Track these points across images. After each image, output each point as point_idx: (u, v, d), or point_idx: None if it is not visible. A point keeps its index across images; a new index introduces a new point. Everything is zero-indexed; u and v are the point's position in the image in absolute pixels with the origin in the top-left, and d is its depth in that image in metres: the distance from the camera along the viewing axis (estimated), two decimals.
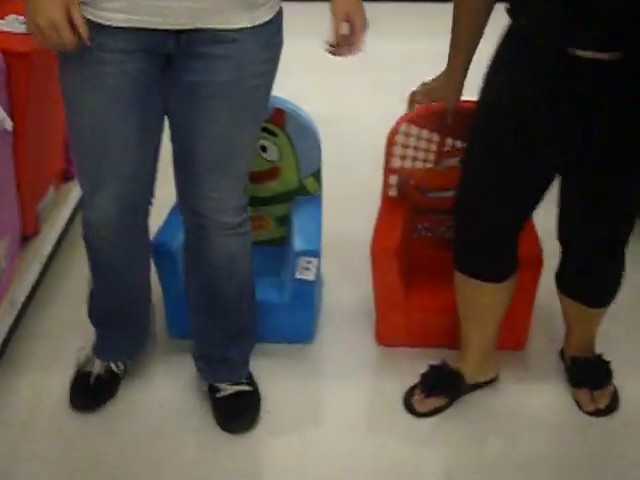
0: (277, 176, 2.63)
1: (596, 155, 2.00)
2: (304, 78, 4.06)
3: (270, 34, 1.97)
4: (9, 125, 2.20)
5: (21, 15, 2.48)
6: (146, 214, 2.23)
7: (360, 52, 2.01)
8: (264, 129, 2.52)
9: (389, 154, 2.54)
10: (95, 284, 2.33)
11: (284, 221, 2.70)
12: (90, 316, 2.40)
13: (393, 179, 2.55)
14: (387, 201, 2.59)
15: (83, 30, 1.80)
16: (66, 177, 2.84)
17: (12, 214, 2.41)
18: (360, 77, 4.22)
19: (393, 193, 2.56)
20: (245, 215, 2.18)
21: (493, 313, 2.34)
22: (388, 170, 2.56)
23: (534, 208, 2.20)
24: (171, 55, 1.92)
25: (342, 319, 2.69)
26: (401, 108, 2.40)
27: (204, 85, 1.95)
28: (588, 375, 2.43)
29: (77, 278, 2.70)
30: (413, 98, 2.32)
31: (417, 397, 2.38)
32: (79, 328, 2.54)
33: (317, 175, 2.63)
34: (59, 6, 1.77)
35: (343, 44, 1.98)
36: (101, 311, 2.38)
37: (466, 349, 2.40)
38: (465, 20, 2.11)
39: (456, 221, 2.27)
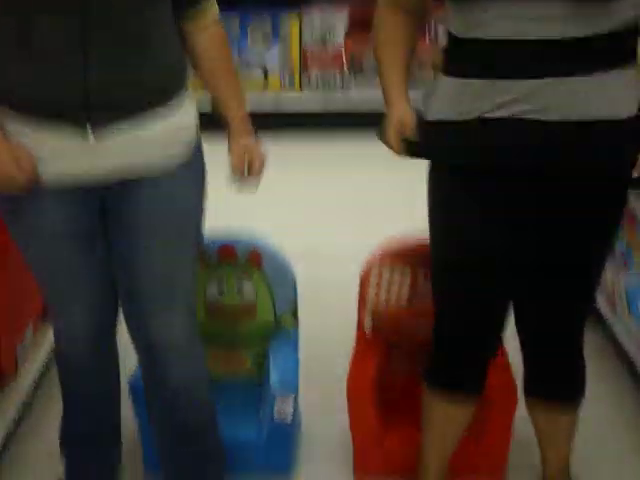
0: (254, 314, 2.67)
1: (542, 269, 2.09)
2: (278, 210, 4.16)
3: (192, 172, 2.07)
4: None
5: None
6: (113, 335, 2.28)
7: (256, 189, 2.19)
8: (242, 270, 2.59)
9: (362, 294, 2.59)
10: (67, 407, 2.36)
11: (261, 359, 2.72)
12: (61, 443, 2.41)
13: (367, 317, 2.59)
14: (362, 339, 2.62)
15: (33, 172, 1.87)
16: (44, 317, 2.87)
17: None
18: (335, 210, 4.32)
19: (368, 331, 2.60)
20: (196, 338, 2.21)
21: (456, 435, 2.37)
22: (362, 309, 2.61)
23: (503, 317, 2.22)
24: (104, 203, 2.02)
25: (320, 450, 2.70)
26: (375, 241, 2.47)
27: (135, 227, 2.02)
28: None
29: (56, 415, 2.68)
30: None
31: None
32: (57, 464, 2.51)
33: (294, 311, 2.67)
34: (6, 155, 1.84)
35: (244, 181, 2.18)
36: (72, 434, 2.40)
37: (427, 474, 2.42)
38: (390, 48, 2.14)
39: (434, 336, 2.29)
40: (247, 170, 2.19)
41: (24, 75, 1.83)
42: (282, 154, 2.56)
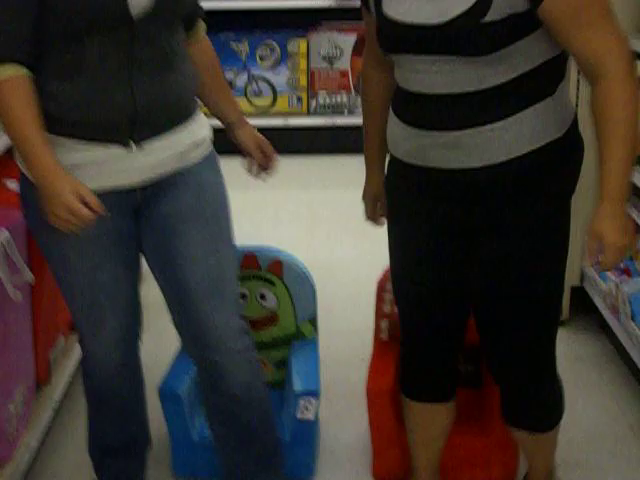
0: (275, 322, 2.80)
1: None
2: (289, 227, 4.29)
3: (215, 161, 2.25)
4: (30, 278, 2.36)
5: None
6: (138, 349, 2.38)
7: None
8: (264, 279, 2.72)
9: (379, 300, 2.72)
10: (93, 421, 2.46)
11: (282, 365, 2.85)
12: (90, 451, 2.52)
13: (384, 323, 2.72)
14: (379, 344, 2.76)
15: (97, 207, 1.95)
16: (73, 327, 2.99)
17: (28, 363, 2.55)
18: (344, 224, 4.46)
19: (384, 336, 2.73)
20: (249, 341, 2.28)
21: (439, 433, 2.48)
22: (379, 315, 2.74)
23: (462, 328, 2.33)
24: (139, 204, 2.15)
25: (339, 456, 2.81)
26: (385, 253, 2.60)
27: (171, 215, 2.15)
28: None
29: (85, 423, 2.82)
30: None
31: None
32: (87, 469, 2.62)
33: (313, 320, 2.80)
34: (71, 192, 1.92)
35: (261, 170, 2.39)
36: (99, 446, 2.50)
37: (418, 470, 2.54)
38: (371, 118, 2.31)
39: (401, 351, 2.43)
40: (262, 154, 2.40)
41: (77, 99, 1.96)
42: (289, 172, 2.70)
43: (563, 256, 2.19)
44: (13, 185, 2.61)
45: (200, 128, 2.21)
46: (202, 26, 2.30)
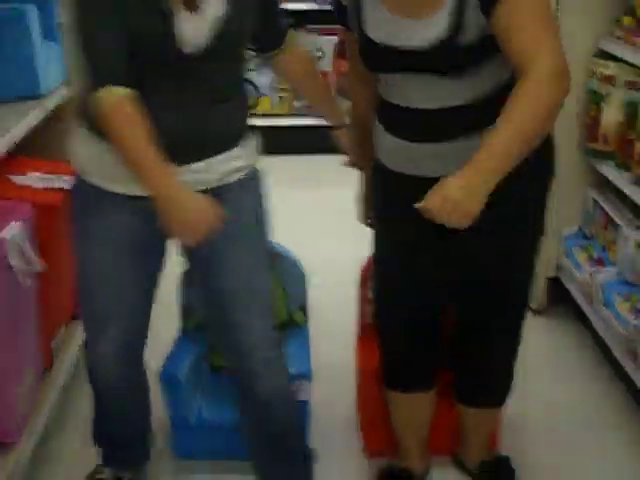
0: None
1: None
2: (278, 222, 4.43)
3: (258, 183, 2.36)
4: (40, 268, 2.50)
5: (39, 172, 2.83)
6: (143, 349, 2.50)
7: None
8: None
9: (364, 286, 2.88)
10: (97, 411, 2.59)
11: None
12: (94, 438, 2.65)
13: (369, 308, 2.87)
14: (364, 328, 2.91)
15: (216, 211, 2.07)
16: (73, 316, 3.13)
17: (34, 348, 2.68)
18: (327, 219, 4.63)
19: (369, 319, 2.89)
20: (281, 351, 2.41)
21: (425, 419, 2.68)
22: (364, 300, 2.90)
23: (437, 317, 2.51)
24: None
25: (331, 436, 2.95)
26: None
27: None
28: (499, 473, 2.73)
29: (88, 406, 2.95)
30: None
31: None
32: (90, 451, 2.75)
33: (304, 309, 2.95)
34: (206, 203, 2.05)
35: None
36: (103, 434, 2.64)
37: (407, 451, 2.71)
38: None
39: (380, 346, 2.60)
40: None
41: (166, 124, 2.08)
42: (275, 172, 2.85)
43: (536, 250, 2.40)
44: (20, 180, 2.74)
45: (245, 156, 2.30)
46: (293, 37, 2.39)
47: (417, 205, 2.00)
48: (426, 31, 2.08)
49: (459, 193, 1.95)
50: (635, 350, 2.89)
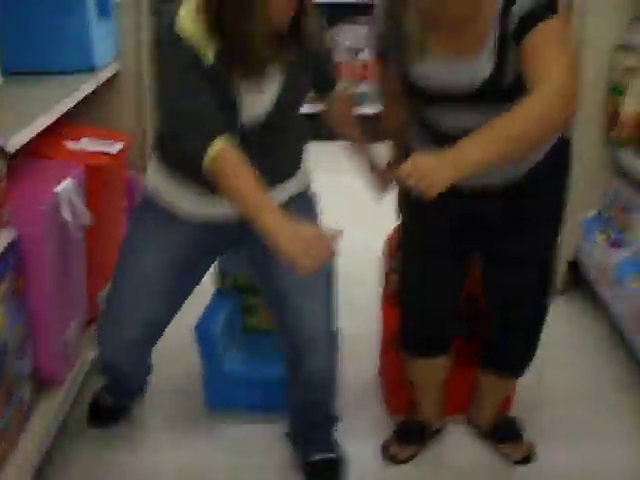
0: None
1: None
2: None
3: (307, 197, 2.64)
4: (89, 220, 2.72)
5: (90, 138, 3.06)
6: (153, 345, 2.73)
7: None
8: None
9: (389, 256, 3.07)
10: (104, 369, 2.82)
11: None
12: (103, 372, 2.86)
13: (393, 277, 3.06)
14: (388, 296, 3.09)
15: (327, 243, 2.13)
16: None
17: (81, 300, 2.90)
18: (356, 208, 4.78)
19: (393, 288, 3.07)
20: (337, 342, 2.62)
21: (440, 381, 2.88)
22: (389, 270, 3.09)
23: (459, 290, 2.72)
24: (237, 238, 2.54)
25: (355, 397, 3.14)
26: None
27: None
28: (509, 430, 2.92)
29: None
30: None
31: (395, 448, 2.87)
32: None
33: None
34: (293, 245, 2.09)
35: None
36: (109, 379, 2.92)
37: (424, 408, 2.92)
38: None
39: (401, 313, 2.80)
40: None
41: None
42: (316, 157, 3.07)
43: (558, 233, 2.63)
44: (74, 144, 2.97)
45: (296, 183, 2.57)
46: (339, 87, 2.62)
47: (395, 170, 2.14)
48: (470, 74, 2.26)
49: (430, 164, 2.06)
50: None
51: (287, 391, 2.72)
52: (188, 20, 2.22)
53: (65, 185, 2.61)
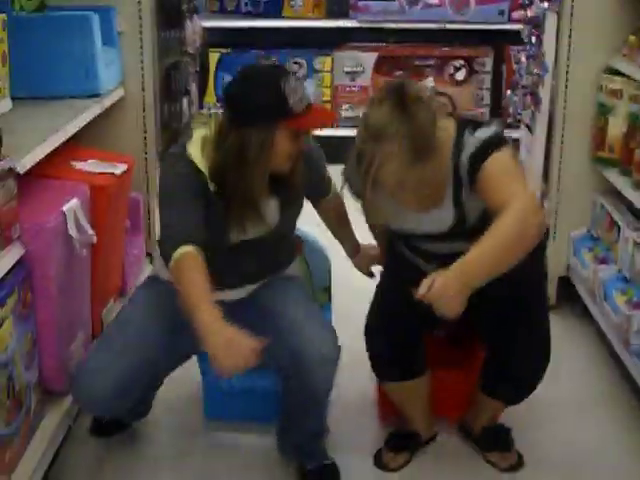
0: None
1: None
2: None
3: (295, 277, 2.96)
4: (94, 239, 2.85)
5: (95, 160, 3.20)
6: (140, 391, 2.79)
7: None
8: None
9: None
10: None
11: None
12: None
13: None
14: None
15: (247, 349, 2.29)
16: (121, 293, 3.48)
17: (87, 314, 3.03)
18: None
19: None
20: (336, 349, 2.69)
21: (424, 396, 2.98)
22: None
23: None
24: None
25: (349, 408, 3.26)
26: None
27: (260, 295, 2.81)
28: (498, 440, 3.01)
29: None
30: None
31: (388, 455, 2.98)
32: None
33: (328, 289, 3.27)
34: (221, 344, 2.27)
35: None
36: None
37: (413, 418, 3.02)
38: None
39: (368, 343, 2.92)
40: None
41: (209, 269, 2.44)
42: None
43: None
44: (80, 165, 3.10)
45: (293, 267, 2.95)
46: (333, 190, 2.94)
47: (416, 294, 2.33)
48: (436, 222, 2.58)
49: (440, 288, 2.28)
50: (628, 339, 3.18)
51: (281, 403, 2.83)
52: (197, 156, 2.56)
53: (71, 204, 2.74)
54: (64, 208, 2.70)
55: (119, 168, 3.19)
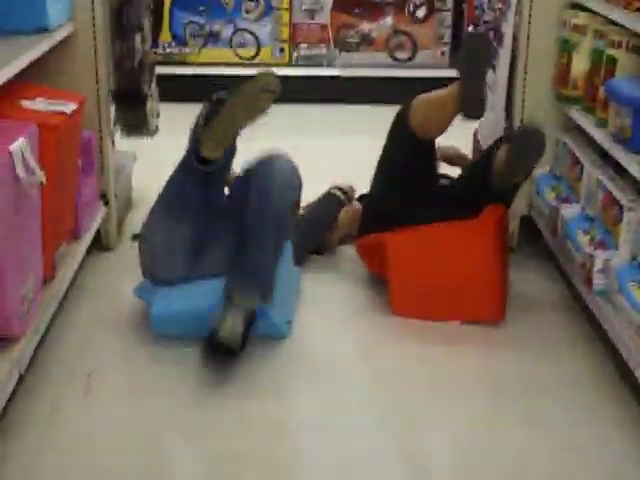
0: None
1: None
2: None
3: None
4: (42, 179, 2.75)
5: (45, 98, 3.08)
6: None
7: None
8: None
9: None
10: None
11: None
12: None
13: None
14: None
15: None
16: (75, 235, 3.40)
17: (37, 257, 2.94)
18: (322, 166, 4.85)
19: None
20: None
21: None
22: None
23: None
24: None
25: None
26: None
27: None
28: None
29: (86, 316, 3.33)
30: None
31: None
32: (87, 354, 3.09)
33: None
34: None
35: None
36: None
37: None
38: None
39: None
40: None
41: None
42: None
43: None
44: (28, 104, 2.99)
45: None
46: None
47: None
48: None
49: None
50: (590, 277, 3.14)
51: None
52: None
53: (19, 144, 2.63)
54: (11, 148, 2.59)
55: (69, 106, 3.08)
